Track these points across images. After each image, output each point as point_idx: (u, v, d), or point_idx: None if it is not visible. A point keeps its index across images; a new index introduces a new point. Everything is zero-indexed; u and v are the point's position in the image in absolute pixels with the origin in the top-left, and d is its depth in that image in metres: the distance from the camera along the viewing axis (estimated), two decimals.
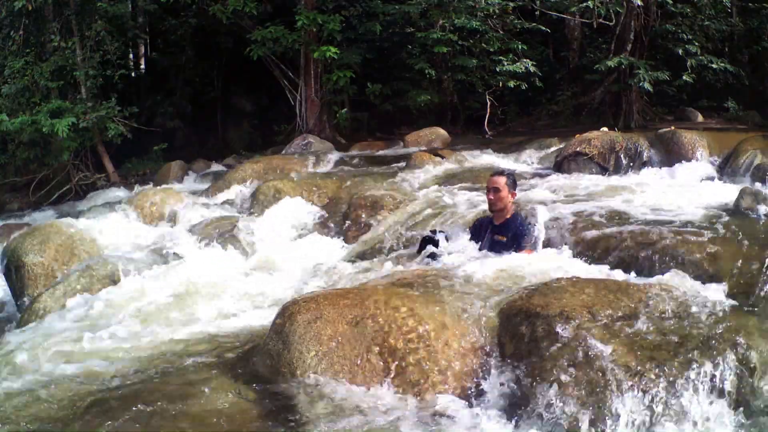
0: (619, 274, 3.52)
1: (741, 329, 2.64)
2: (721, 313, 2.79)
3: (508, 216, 4.19)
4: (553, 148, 8.54)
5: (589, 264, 3.85)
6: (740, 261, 3.48)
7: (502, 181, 4.15)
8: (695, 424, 2.38)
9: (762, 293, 3.11)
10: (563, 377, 2.54)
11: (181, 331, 3.45)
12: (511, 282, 3.39)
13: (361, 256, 4.98)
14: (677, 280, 3.19)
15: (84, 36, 10.97)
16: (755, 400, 2.43)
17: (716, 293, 3.04)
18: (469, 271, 3.58)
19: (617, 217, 4.66)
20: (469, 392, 2.75)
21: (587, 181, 6.36)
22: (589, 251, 4.07)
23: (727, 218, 4.32)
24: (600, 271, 3.64)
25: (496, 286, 3.33)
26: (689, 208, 4.74)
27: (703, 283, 3.26)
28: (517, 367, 2.74)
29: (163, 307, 3.77)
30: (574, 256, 4.02)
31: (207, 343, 3.32)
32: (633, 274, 3.53)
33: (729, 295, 3.01)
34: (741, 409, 2.42)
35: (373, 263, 4.43)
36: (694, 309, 2.84)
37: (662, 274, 3.35)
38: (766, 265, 3.33)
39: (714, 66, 11.06)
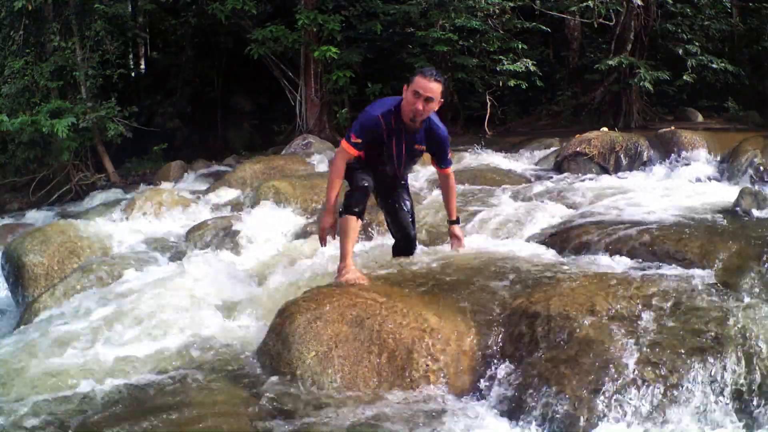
0: (618, 273, 3.51)
1: (743, 327, 2.64)
2: (722, 311, 2.79)
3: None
4: (553, 148, 8.54)
5: (587, 262, 3.84)
6: (740, 260, 3.48)
7: (438, 89, 3.33)
8: (697, 422, 2.38)
9: (762, 292, 3.11)
10: (563, 377, 2.54)
11: (180, 331, 3.45)
12: (511, 279, 3.39)
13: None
14: (677, 279, 3.19)
15: (84, 36, 10.97)
16: (758, 396, 2.43)
17: (717, 291, 3.04)
18: (468, 267, 3.58)
19: (615, 216, 4.66)
20: (470, 392, 2.75)
21: (586, 181, 6.36)
22: (587, 249, 4.06)
23: (726, 218, 4.31)
24: (598, 270, 3.64)
25: (497, 283, 3.33)
26: (689, 208, 4.74)
27: (704, 282, 3.26)
28: (517, 366, 2.74)
29: (162, 307, 3.76)
30: (571, 255, 4.02)
31: (206, 344, 3.32)
32: (633, 272, 3.53)
33: (729, 294, 3.01)
34: (744, 406, 2.42)
35: (374, 263, 4.41)
36: (695, 307, 2.84)
37: (662, 272, 3.35)
38: (765, 263, 3.33)
39: (714, 66, 11.05)
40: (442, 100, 3.42)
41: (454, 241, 3.94)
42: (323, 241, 3.62)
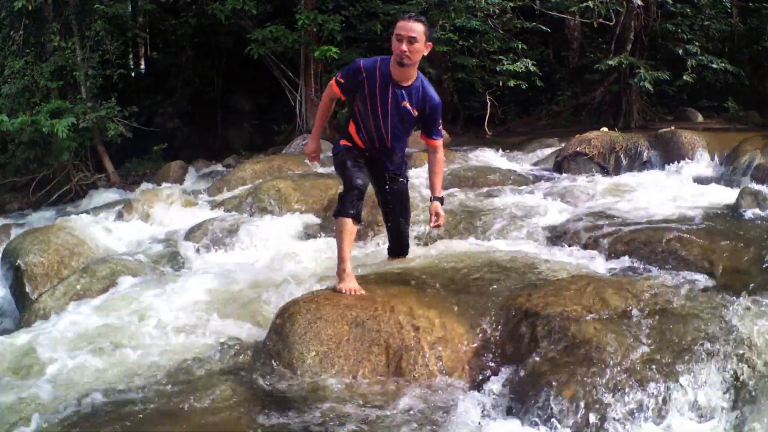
0: (618, 273, 3.52)
1: (742, 328, 2.64)
2: (722, 312, 2.79)
3: (414, 77, 3.49)
4: (553, 148, 8.55)
5: (588, 262, 3.85)
6: (740, 260, 3.48)
7: (420, 28, 3.30)
8: (696, 422, 2.38)
9: (762, 292, 3.11)
10: (563, 377, 2.54)
11: (180, 332, 3.45)
12: (511, 279, 3.39)
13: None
14: (677, 279, 3.20)
15: (84, 36, 10.97)
16: (758, 397, 2.43)
17: (716, 292, 3.04)
18: (469, 267, 3.58)
19: (615, 216, 4.66)
20: (470, 391, 2.75)
21: (586, 181, 6.36)
22: (588, 250, 4.06)
23: (726, 218, 4.32)
24: (598, 270, 3.64)
25: (497, 284, 3.33)
26: (689, 208, 4.74)
27: (704, 282, 3.26)
28: (517, 366, 2.74)
29: (161, 307, 3.77)
30: (572, 255, 4.02)
31: (206, 344, 3.32)
32: (632, 272, 3.53)
33: (729, 294, 3.01)
34: (744, 406, 2.42)
35: (374, 263, 4.42)
36: (694, 307, 2.84)
37: (662, 273, 3.36)
38: (765, 264, 3.34)
39: (714, 66, 11.05)
40: (430, 44, 3.41)
41: (433, 218, 3.74)
42: (312, 162, 4.01)
